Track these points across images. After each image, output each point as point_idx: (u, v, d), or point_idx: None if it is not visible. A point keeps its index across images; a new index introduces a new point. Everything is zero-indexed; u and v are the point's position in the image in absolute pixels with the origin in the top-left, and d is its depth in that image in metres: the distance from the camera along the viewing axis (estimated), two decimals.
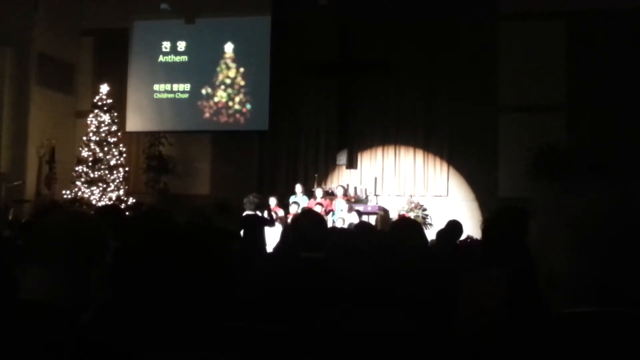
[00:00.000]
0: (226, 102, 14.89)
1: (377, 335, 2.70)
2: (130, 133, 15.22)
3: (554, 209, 1.22)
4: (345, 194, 12.92)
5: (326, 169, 14.49)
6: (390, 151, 14.32)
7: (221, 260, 3.99)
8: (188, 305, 3.08)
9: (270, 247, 9.10)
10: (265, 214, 10.04)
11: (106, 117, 14.19)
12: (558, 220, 1.19)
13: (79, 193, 13.80)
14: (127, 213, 7.28)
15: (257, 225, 9.15)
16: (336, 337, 2.75)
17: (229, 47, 14.95)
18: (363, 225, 5.98)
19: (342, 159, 14.28)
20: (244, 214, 9.52)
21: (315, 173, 13.95)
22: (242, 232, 9.23)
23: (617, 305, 1.12)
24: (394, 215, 13.31)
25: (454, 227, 6.07)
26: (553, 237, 1.19)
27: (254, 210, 9.14)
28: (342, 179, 14.19)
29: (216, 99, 14.93)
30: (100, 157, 13.97)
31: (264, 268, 3.98)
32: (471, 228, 12.00)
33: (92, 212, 5.34)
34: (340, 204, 12.07)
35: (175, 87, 15.12)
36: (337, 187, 12.91)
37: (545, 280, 1.20)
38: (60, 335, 1.45)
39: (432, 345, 2.55)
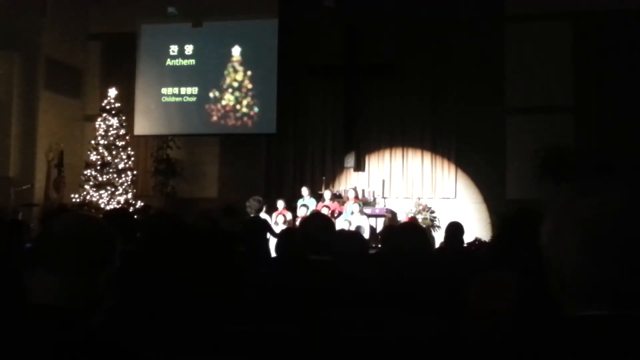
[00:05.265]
0: (234, 106, 14.92)
1: (386, 339, 2.69)
2: (139, 136, 15.27)
3: (565, 210, 1.20)
4: (357, 196, 12.90)
5: (334, 171, 14.49)
6: (397, 153, 14.30)
7: (228, 262, 3.99)
8: (196, 308, 3.08)
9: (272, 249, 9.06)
10: (269, 219, 10.02)
11: (114, 121, 14.23)
12: (569, 221, 1.18)
13: (88, 197, 13.84)
14: (135, 216, 7.29)
15: (261, 229, 9.12)
16: (344, 340, 2.74)
17: (236, 50, 14.99)
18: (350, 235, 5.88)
19: (350, 161, 14.27)
20: (248, 218, 9.51)
21: (322, 176, 13.95)
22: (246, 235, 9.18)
23: (631, 307, 1.11)
24: (401, 218, 13.29)
25: (454, 228, 6.04)
26: (564, 239, 1.18)
27: (256, 213, 9.12)
28: (350, 181, 14.17)
29: (224, 102, 14.96)
30: (108, 161, 14.01)
31: (272, 270, 3.97)
32: (479, 230, 12.00)
33: (101, 216, 5.36)
34: (351, 207, 12.03)
35: (183, 90, 15.17)
36: (348, 190, 12.87)
37: (556, 282, 1.19)
38: (70, 338, 1.45)
39: (441, 349, 2.54)
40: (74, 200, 13.75)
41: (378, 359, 2.65)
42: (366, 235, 11.02)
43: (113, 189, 13.92)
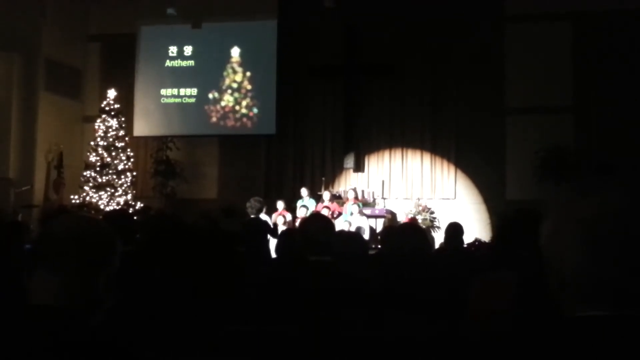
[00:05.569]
0: (233, 107, 14.92)
1: (386, 339, 2.69)
2: (138, 138, 15.26)
3: (565, 210, 1.20)
4: (356, 197, 12.88)
5: (333, 172, 14.48)
6: (397, 154, 14.30)
7: (228, 263, 3.99)
8: (196, 308, 3.08)
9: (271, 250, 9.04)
10: (269, 220, 10.00)
11: (114, 122, 14.22)
12: (569, 221, 1.18)
13: (87, 198, 13.83)
14: (135, 217, 7.29)
15: (262, 230, 9.11)
16: (344, 340, 2.74)
17: (235, 52, 14.99)
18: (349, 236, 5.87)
19: (349, 162, 14.26)
20: (248, 218, 9.50)
21: (322, 176, 13.94)
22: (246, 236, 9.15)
23: (631, 307, 1.11)
24: (401, 219, 13.28)
25: (454, 228, 6.04)
26: (564, 239, 1.18)
27: (257, 213, 9.12)
28: (350, 182, 14.16)
29: (223, 103, 14.96)
30: (108, 162, 14.01)
31: (272, 271, 3.97)
32: (479, 231, 12.00)
33: (100, 217, 5.36)
34: (351, 208, 12.02)
35: (182, 91, 15.16)
36: (348, 191, 12.85)
37: (556, 282, 1.19)
38: (70, 338, 1.45)
39: (441, 349, 2.54)
40: (73, 201, 13.74)
41: (378, 359, 2.65)
42: (366, 236, 11.01)
43: (113, 190, 13.91)
